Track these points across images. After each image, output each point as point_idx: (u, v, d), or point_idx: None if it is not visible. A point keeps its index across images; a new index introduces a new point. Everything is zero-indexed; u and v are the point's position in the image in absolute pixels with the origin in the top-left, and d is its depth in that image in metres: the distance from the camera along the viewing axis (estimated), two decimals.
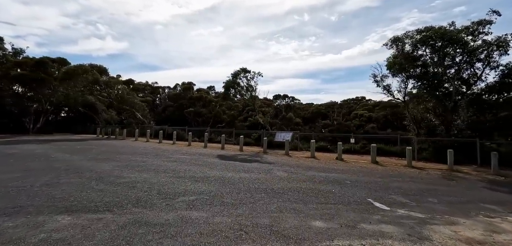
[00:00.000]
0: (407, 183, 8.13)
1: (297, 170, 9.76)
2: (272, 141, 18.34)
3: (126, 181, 6.98)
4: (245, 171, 9.10)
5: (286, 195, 6.05)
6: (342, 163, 12.09)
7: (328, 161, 12.63)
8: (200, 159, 11.82)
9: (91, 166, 9.17)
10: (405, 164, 12.02)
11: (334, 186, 7.22)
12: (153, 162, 10.39)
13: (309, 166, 10.76)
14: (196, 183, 6.95)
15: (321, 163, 11.88)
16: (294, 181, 7.65)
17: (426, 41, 12.94)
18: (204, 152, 14.99)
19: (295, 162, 11.94)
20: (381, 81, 15.07)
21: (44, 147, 14.98)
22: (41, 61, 26.47)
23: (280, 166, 10.64)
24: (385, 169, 10.85)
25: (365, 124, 53.35)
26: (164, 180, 7.17)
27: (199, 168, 9.44)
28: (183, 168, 9.30)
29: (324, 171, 9.73)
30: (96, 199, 5.28)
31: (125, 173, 8.07)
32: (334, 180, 8.06)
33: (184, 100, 45.28)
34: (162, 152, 14.17)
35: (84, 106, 34.41)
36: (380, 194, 6.52)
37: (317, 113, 60.68)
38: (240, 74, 19.84)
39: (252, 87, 20.13)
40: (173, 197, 5.58)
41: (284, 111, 50.29)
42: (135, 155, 12.44)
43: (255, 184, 7.06)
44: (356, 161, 12.88)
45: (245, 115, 44.72)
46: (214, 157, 12.78)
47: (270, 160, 12.52)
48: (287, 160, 12.58)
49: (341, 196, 6.12)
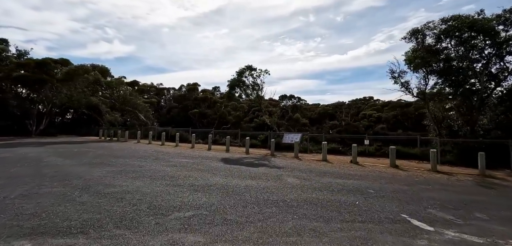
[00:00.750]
0: (440, 192, 7.02)
1: (310, 175, 8.72)
2: (279, 142, 17.31)
3: (115, 190, 6.06)
4: (252, 177, 8.10)
5: (301, 209, 5.04)
6: (358, 167, 10.98)
7: (342, 165, 11.54)
8: (203, 163, 10.88)
9: (82, 171, 8.30)
10: (428, 168, 10.85)
11: (357, 196, 6.16)
12: (151, 167, 9.48)
13: (322, 171, 9.71)
14: (195, 193, 5.98)
15: (335, 167, 10.80)
16: (308, 190, 6.62)
17: (451, 32, 11.72)
18: (207, 155, 14.06)
19: (306, 166, 10.90)
20: (399, 77, 13.87)
21: (39, 150, 14.27)
22: (43, 62, 26.03)
23: (290, 171, 9.61)
24: (408, 174, 9.71)
25: (374, 124, 51.87)
26: (158, 190, 6.23)
27: (201, 174, 8.48)
28: (182, 174, 8.36)
29: (340, 177, 8.67)
30: (72, 216, 4.37)
31: (117, 180, 7.17)
32: (354, 188, 6.99)
33: (189, 102, 44.59)
34: (163, 155, 13.29)
35: (88, 108, 33.96)
36: (414, 207, 5.44)
37: (324, 114, 59.36)
38: (245, 72, 18.81)
39: (259, 85, 19.09)
40: (166, 213, 4.63)
41: (291, 112, 49.19)
42: (133, 159, 11.58)
43: (264, 194, 6.05)
44: (373, 165, 11.76)
45: (251, 116, 43.76)
46: (217, 161, 11.83)
47: (279, 163, 11.50)
48: (297, 164, 11.54)
49: (369, 210, 5.07)
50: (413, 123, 50.95)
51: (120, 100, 26.45)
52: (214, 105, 42.52)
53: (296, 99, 58.39)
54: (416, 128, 47.94)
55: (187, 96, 46.58)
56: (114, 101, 26.90)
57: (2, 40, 32.43)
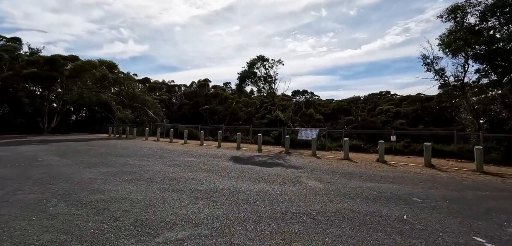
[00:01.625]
0: (504, 200, 5.54)
1: (333, 178, 7.40)
2: (294, 139, 15.98)
3: (100, 198, 5.00)
4: (266, 180, 6.88)
5: (333, 227, 3.77)
6: (388, 167, 9.52)
7: (369, 164, 10.10)
8: (210, 163, 9.75)
9: (73, 173, 7.35)
10: (472, 169, 9.25)
11: (400, 206, 4.82)
12: (152, 167, 8.44)
13: (347, 172, 8.34)
14: (197, 202, 4.82)
15: (361, 167, 9.39)
16: (336, 198, 5.33)
17: (503, 7, 9.94)
18: (216, 153, 12.95)
19: (327, 166, 9.55)
20: (433, 64, 12.13)
21: (39, 149, 13.62)
22: (52, 59, 25.81)
23: (310, 171, 8.31)
24: (449, 176, 8.19)
25: (392, 120, 49.56)
26: (152, 197, 5.12)
27: (206, 175, 7.34)
28: (185, 175, 7.25)
29: (370, 179, 7.29)
30: (30, 237, 3.30)
31: (107, 184, 6.13)
32: (393, 195, 5.63)
33: (200, 98, 43.85)
34: (168, 153, 12.29)
35: (99, 106, 33.78)
36: (484, 224, 4.04)
37: (339, 110, 57.30)
38: (257, 63, 17.42)
39: (272, 77, 17.64)
40: (153, 232, 3.48)
41: (304, 108, 47.52)
42: (135, 157, 10.61)
43: (282, 204, 4.82)
44: (404, 164, 10.25)
45: (262, 113, 42.47)
46: (227, 159, 10.68)
47: (296, 163, 10.21)
48: (316, 163, 10.21)
49: (425, 230, 3.74)
50: (434, 117, 48.22)
51: (129, 96, 25.83)
52: (225, 102, 41.56)
53: (309, 95, 56.63)
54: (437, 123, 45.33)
55: (198, 93, 45.88)
56: (122, 98, 26.34)
57: (15, 39, 32.70)
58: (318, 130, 15.46)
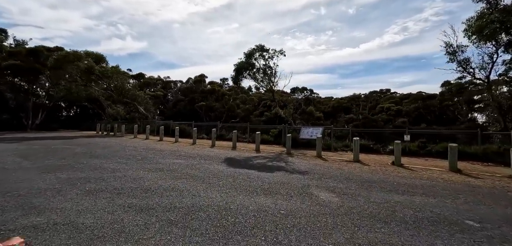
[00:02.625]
0: None
1: (349, 187, 5.96)
2: (296, 138, 14.56)
3: (32, 222, 3.53)
4: (266, 191, 5.42)
5: None
6: (408, 172, 8.11)
7: (384, 168, 8.68)
8: (200, 166, 8.28)
9: (24, 180, 5.84)
10: (507, 174, 7.86)
11: (457, 237, 3.38)
12: (127, 172, 6.95)
13: (363, 179, 6.91)
14: (167, 232, 3.35)
15: (377, 172, 7.97)
16: (363, 220, 3.88)
17: None
18: (209, 154, 11.48)
19: (337, 170, 8.12)
20: (456, 53, 10.65)
21: (11, 148, 12.07)
22: (35, 50, 24.08)
23: (319, 178, 6.87)
24: (487, 184, 6.78)
25: (393, 118, 48.45)
26: (108, 220, 3.64)
27: (192, 184, 5.87)
28: (165, 184, 5.77)
29: (395, 190, 5.87)
30: None
31: (57, 197, 4.65)
32: (438, 216, 4.20)
33: (195, 94, 42.25)
34: (153, 154, 10.80)
35: (89, 101, 32.12)
36: None
37: (339, 108, 56.02)
38: (255, 54, 15.83)
39: (272, 69, 16.07)
40: None
41: (304, 105, 46.12)
42: (112, 159, 9.10)
43: (291, 233, 3.37)
44: (426, 168, 8.84)
45: (261, 110, 40.95)
46: (220, 162, 9.21)
47: (300, 166, 8.76)
48: (324, 167, 8.77)
49: None
50: (436, 116, 47.12)
51: (118, 91, 24.13)
52: (222, 98, 40.01)
53: (308, 92, 55.22)
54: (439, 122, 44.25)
55: (194, 89, 44.24)
56: (111, 93, 24.62)
57: (1, 30, 30.88)
58: (322, 128, 14.03)
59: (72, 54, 21.56)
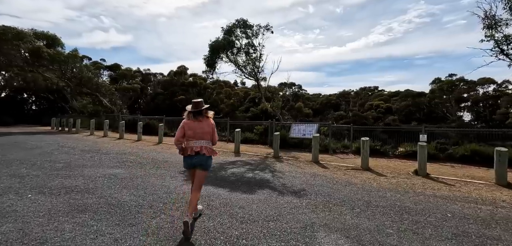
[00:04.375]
0: None
1: (384, 227, 3.37)
2: (285, 136, 11.97)
3: None
4: (240, 237, 2.73)
5: None
6: (448, 189, 5.65)
7: (409, 181, 6.20)
8: (143, 182, 5.46)
9: None
10: None
11: None
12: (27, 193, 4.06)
13: (394, 205, 4.35)
14: None
15: (406, 191, 5.45)
16: None
17: None
18: (170, 158, 8.65)
19: (346, 186, 5.54)
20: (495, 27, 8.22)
21: None
22: None
23: (326, 205, 4.25)
24: None
25: (383, 115, 47.26)
26: None
27: (99, 227, 3.08)
28: (43, 232, 2.95)
29: (460, 232, 3.34)
30: None
31: None
32: None
33: (176, 87, 38.90)
34: (88, 160, 7.84)
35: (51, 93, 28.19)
36: None
37: (327, 104, 54.29)
38: (236, 30, 12.81)
39: (256, 48, 13.08)
40: None
41: (292, 101, 43.78)
42: (17, 168, 6.12)
43: None
44: (462, 181, 6.43)
45: (247, 105, 38.21)
46: (178, 172, 6.41)
47: (293, 179, 6.13)
48: (326, 179, 6.18)
49: None
50: (425, 114, 46.32)
51: (75, 80, 20.47)
52: (205, 92, 36.92)
53: (297, 88, 52.97)
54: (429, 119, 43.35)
55: (174, 82, 40.82)
56: (67, 82, 20.89)
57: None
58: (317, 125, 11.49)
59: (9, 30, 17.35)
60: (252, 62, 13.21)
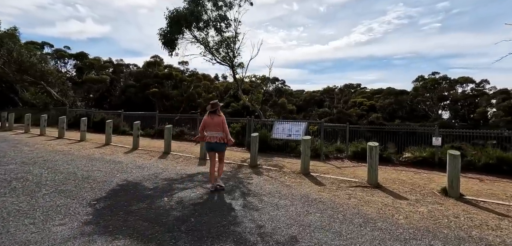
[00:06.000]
0: None
1: None
2: (266, 137, 9.76)
3: None
4: None
5: None
6: (508, 227, 3.67)
7: (445, 210, 4.17)
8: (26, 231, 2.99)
9: None
10: None
11: None
12: None
13: None
14: None
15: (447, 228, 3.39)
16: None
17: None
18: (95, 173, 6.14)
19: (360, 225, 3.40)
20: None
21: None
22: None
23: None
24: None
25: (366, 113, 46.59)
26: None
27: None
28: None
29: None
30: None
31: None
32: None
33: (149, 79, 35.53)
34: None
35: None
36: None
37: (311, 101, 52.95)
38: None
39: (230, 23, 10.21)
40: None
41: (275, 96, 41.81)
42: None
43: None
44: (508, 205, 4.53)
45: (227, 101, 35.67)
46: (92, 201, 3.98)
47: (275, 212, 3.89)
48: (325, 206, 4.01)
49: None
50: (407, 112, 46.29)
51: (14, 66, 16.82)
52: (181, 85, 33.94)
53: (280, 83, 51.05)
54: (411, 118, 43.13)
55: (147, 74, 37.35)
56: (1, 67, 17.19)
57: None
58: (306, 123, 9.34)
59: None
60: (225, 43, 10.54)
